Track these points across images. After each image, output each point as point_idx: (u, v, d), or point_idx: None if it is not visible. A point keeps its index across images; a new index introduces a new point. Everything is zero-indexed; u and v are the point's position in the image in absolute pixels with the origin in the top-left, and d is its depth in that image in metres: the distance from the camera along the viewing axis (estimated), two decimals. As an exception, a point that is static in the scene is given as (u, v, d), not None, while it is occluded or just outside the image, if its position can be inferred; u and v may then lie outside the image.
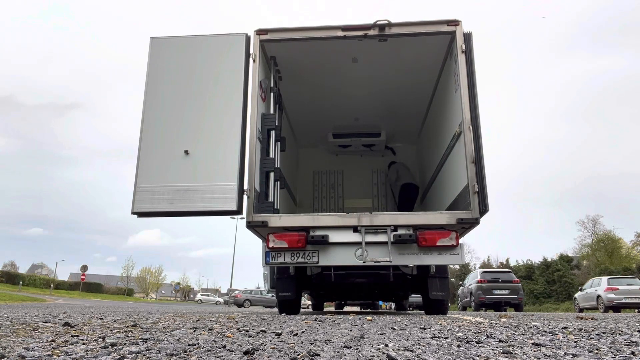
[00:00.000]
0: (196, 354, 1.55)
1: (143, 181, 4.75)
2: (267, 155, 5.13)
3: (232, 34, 5.11)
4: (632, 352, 1.67)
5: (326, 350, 1.64)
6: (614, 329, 2.73)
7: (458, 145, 4.99)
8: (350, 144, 8.14)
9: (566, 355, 1.57)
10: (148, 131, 4.89)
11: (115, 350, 1.64)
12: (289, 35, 5.13)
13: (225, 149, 4.75)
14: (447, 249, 4.61)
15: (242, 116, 4.84)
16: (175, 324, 2.94)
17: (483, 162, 4.53)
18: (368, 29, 4.99)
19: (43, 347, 1.70)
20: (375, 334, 2.28)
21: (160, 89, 5.00)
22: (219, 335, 2.18)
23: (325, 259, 4.69)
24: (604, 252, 34.00)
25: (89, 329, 2.59)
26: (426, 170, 7.37)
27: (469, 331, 2.44)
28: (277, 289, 5.67)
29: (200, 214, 4.78)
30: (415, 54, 5.66)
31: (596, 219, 35.87)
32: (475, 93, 4.68)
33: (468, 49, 4.83)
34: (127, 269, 61.21)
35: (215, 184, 4.65)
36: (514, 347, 1.74)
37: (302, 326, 2.83)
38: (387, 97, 6.90)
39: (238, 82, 4.92)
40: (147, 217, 4.92)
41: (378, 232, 4.65)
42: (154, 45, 5.13)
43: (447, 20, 4.95)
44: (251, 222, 4.63)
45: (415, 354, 1.57)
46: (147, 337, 2.02)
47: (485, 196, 4.45)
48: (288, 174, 6.93)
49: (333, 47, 5.46)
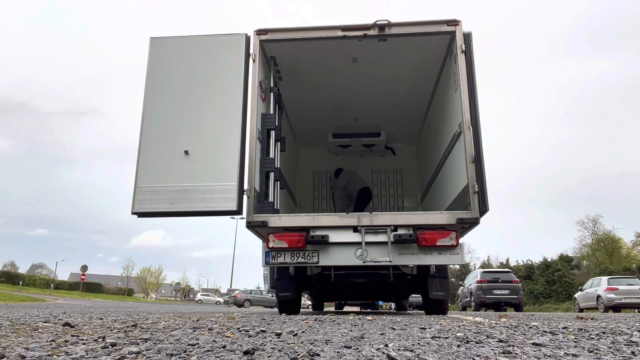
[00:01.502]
0: (196, 354, 1.55)
1: (143, 181, 4.75)
2: (267, 155, 5.13)
3: (232, 34, 5.11)
4: (632, 352, 1.67)
5: (326, 350, 1.64)
6: (614, 329, 2.73)
7: (458, 145, 4.99)
8: (350, 144, 8.15)
9: (566, 355, 1.57)
10: (148, 131, 4.90)
11: (115, 350, 1.64)
12: (288, 35, 5.13)
13: (225, 149, 4.75)
14: (447, 248, 4.61)
15: (242, 116, 4.84)
16: (175, 324, 2.94)
17: (483, 162, 4.53)
18: (368, 29, 4.99)
19: (43, 347, 1.70)
20: (375, 334, 2.28)
21: (160, 89, 5.00)
22: (219, 335, 2.18)
23: (325, 259, 4.69)
24: (604, 252, 34.02)
25: (89, 329, 2.59)
26: (426, 170, 7.37)
27: (469, 331, 2.44)
28: (277, 289, 5.67)
29: (200, 214, 4.78)
30: (415, 54, 5.66)
31: (596, 219, 35.92)
32: (475, 93, 4.69)
33: (468, 49, 4.83)
34: (127, 269, 61.29)
35: (215, 184, 4.66)
36: (514, 347, 1.74)
37: (302, 326, 2.83)
38: (387, 97, 6.90)
39: (238, 82, 4.93)
40: (147, 217, 4.92)
41: (378, 232, 4.65)
42: (154, 45, 5.13)
43: (446, 20, 4.96)
44: (251, 222, 4.64)
45: (415, 354, 1.57)
46: (147, 337, 2.02)
47: (485, 196, 4.45)
48: (288, 174, 6.93)
49: (333, 47, 5.46)
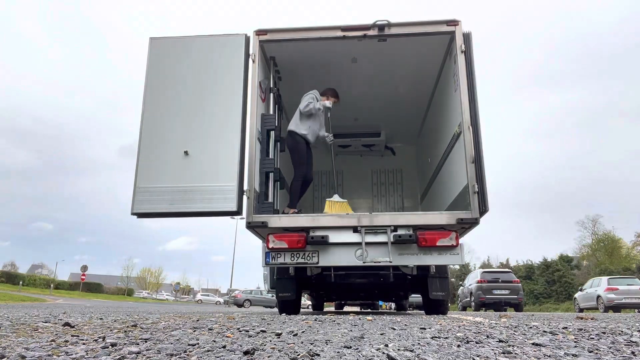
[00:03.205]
0: (196, 354, 1.54)
1: (143, 182, 4.75)
2: (267, 155, 5.14)
3: (231, 34, 5.12)
4: (632, 352, 1.67)
5: (326, 350, 1.64)
6: (614, 329, 2.73)
7: (458, 145, 4.99)
8: (350, 144, 8.15)
9: (566, 355, 1.57)
10: (148, 132, 4.89)
11: (115, 350, 1.64)
12: (288, 35, 5.13)
13: (225, 149, 4.75)
14: (447, 249, 4.61)
15: (242, 117, 4.84)
16: (175, 324, 2.94)
17: (483, 162, 4.53)
18: (367, 29, 4.99)
19: (43, 347, 1.70)
20: (375, 334, 2.28)
21: (159, 90, 5.00)
22: (219, 335, 2.18)
23: (325, 259, 4.68)
24: (604, 252, 34.05)
25: (89, 329, 2.59)
26: (426, 170, 7.37)
27: (469, 331, 2.44)
28: (277, 289, 5.66)
29: (200, 214, 4.78)
30: (415, 54, 5.66)
31: (596, 219, 35.97)
32: (474, 93, 4.69)
33: (467, 49, 4.83)
34: (127, 269, 61.29)
35: (215, 185, 4.65)
36: (514, 347, 1.74)
37: (302, 326, 2.83)
38: (387, 97, 6.90)
39: (237, 82, 4.93)
40: (147, 217, 4.92)
41: (378, 232, 4.65)
42: (154, 45, 5.13)
43: (446, 20, 4.96)
44: (251, 223, 4.64)
45: (415, 354, 1.57)
46: (147, 337, 2.02)
47: (485, 196, 4.45)
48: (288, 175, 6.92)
49: (333, 47, 5.46)
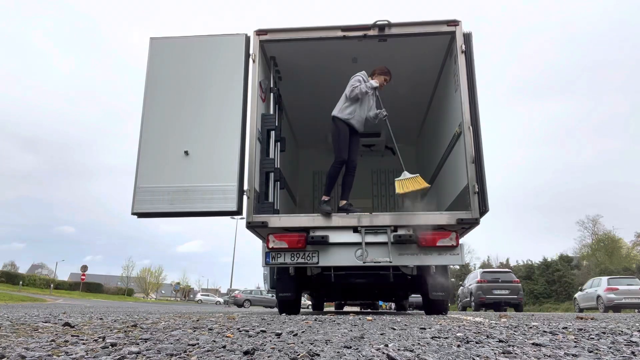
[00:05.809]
0: (196, 354, 1.54)
1: (143, 182, 4.75)
2: (267, 155, 5.13)
3: (231, 34, 5.12)
4: (632, 352, 1.67)
5: (326, 350, 1.64)
6: (614, 329, 2.73)
7: (458, 146, 4.99)
8: None
9: (566, 355, 1.57)
10: (148, 132, 4.90)
11: (115, 350, 1.64)
12: (288, 35, 5.13)
13: (225, 149, 4.75)
14: (447, 249, 4.61)
15: (242, 116, 4.85)
16: (175, 324, 2.94)
17: (483, 162, 4.53)
18: (368, 29, 5.00)
19: (43, 347, 1.70)
20: (375, 334, 2.28)
21: (159, 90, 5.01)
22: (219, 335, 2.18)
23: (325, 259, 4.68)
24: (604, 252, 34.04)
25: (89, 329, 2.59)
26: (426, 170, 7.37)
27: (469, 331, 2.44)
28: (277, 289, 5.66)
29: (200, 214, 4.78)
30: (415, 55, 5.66)
31: (596, 219, 35.95)
32: (475, 93, 4.69)
33: (468, 49, 4.83)
34: (127, 269, 61.28)
35: (215, 185, 4.66)
36: (514, 347, 1.74)
37: (302, 326, 2.82)
38: (387, 97, 6.89)
39: (238, 82, 4.93)
40: (147, 217, 4.92)
41: (378, 232, 4.65)
42: (154, 45, 5.14)
43: (446, 20, 4.96)
44: (251, 223, 4.64)
45: (415, 354, 1.57)
46: (147, 337, 2.02)
47: (485, 196, 4.45)
48: (288, 175, 6.92)
49: (333, 47, 5.46)
